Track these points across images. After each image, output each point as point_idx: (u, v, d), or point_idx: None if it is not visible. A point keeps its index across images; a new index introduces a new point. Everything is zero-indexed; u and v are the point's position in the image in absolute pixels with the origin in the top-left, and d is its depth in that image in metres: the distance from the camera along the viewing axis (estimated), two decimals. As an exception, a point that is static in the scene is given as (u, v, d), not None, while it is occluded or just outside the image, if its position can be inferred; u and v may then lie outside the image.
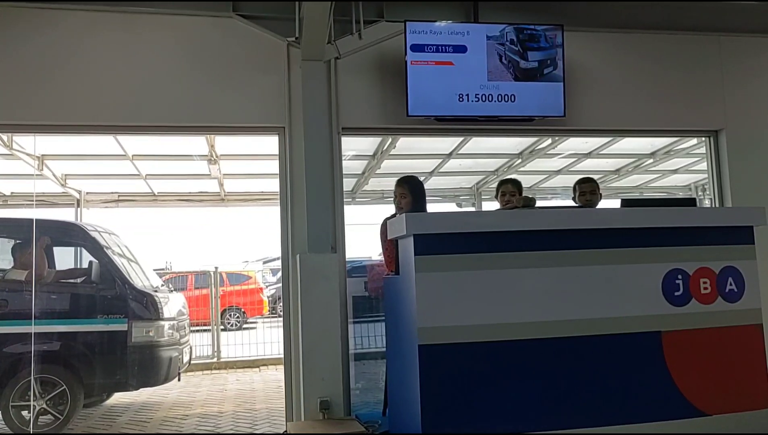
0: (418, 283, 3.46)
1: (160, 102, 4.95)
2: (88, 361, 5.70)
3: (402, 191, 4.62)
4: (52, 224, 6.41)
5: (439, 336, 3.43)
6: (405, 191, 4.61)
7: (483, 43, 5.17)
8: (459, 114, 5.17)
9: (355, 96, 5.18)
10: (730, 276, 3.81)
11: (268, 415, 6.11)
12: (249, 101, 5.06)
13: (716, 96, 5.82)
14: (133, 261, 6.61)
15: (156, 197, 9.51)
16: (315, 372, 4.72)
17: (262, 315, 12.75)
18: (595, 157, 8.10)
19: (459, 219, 3.83)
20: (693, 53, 5.82)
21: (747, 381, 3.75)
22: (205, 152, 7.34)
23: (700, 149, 6.84)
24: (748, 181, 5.73)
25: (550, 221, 3.68)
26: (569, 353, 3.57)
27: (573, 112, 5.35)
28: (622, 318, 3.65)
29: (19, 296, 5.66)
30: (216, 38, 5.07)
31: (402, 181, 4.70)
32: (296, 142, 5.05)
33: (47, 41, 4.84)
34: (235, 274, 13.01)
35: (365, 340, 5.54)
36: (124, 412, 6.50)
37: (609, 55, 5.68)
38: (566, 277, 3.62)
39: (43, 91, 4.80)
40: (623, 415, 3.55)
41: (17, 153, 6.88)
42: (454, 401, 3.43)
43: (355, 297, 5.28)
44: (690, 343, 3.70)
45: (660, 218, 3.79)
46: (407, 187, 4.64)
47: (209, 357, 9.67)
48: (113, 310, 5.85)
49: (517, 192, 4.98)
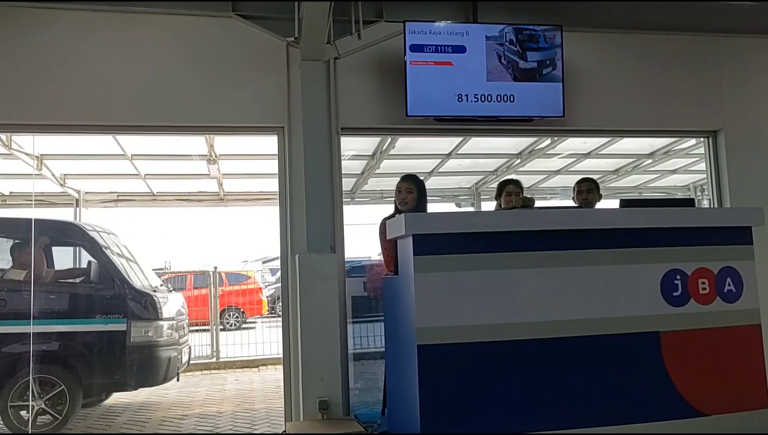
0: (417, 283, 3.46)
1: (160, 102, 4.95)
2: (86, 361, 5.70)
3: (408, 187, 4.61)
4: (51, 224, 6.40)
5: (438, 336, 3.43)
6: (412, 187, 4.60)
7: (482, 43, 5.17)
8: (458, 114, 5.18)
9: (354, 96, 5.18)
10: (728, 276, 3.81)
11: (267, 415, 6.11)
12: (248, 101, 5.06)
13: (715, 96, 5.83)
14: (132, 261, 6.61)
15: (155, 197, 9.51)
16: (314, 372, 4.72)
17: (261, 315, 12.75)
18: (594, 158, 8.10)
19: (458, 219, 3.84)
20: (692, 54, 5.82)
21: (745, 381, 3.75)
22: (205, 152, 7.34)
23: (698, 150, 6.85)
24: (747, 182, 5.74)
25: (549, 221, 3.68)
26: (568, 353, 3.57)
27: (572, 112, 5.36)
28: (620, 318, 3.65)
29: (18, 296, 5.66)
30: (215, 38, 5.07)
31: (409, 176, 4.71)
32: (295, 142, 5.04)
33: (46, 41, 4.84)
34: (234, 273, 13.02)
35: (364, 340, 5.54)
36: (123, 412, 6.50)
37: (608, 56, 5.68)
38: (565, 278, 3.62)
39: (42, 91, 4.80)
40: (622, 415, 3.55)
41: (16, 153, 6.88)
42: (453, 401, 3.43)
43: (354, 297, 5.28)
44: (688, 343, 3.70)
45: (659, 219, 3.79)
46: (414, 182, 4.64)
47: (208, 357, 9.66)
48: (112, 310, 5.84)
49: (520, 192, 5.01)
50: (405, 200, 4.57)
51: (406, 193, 4.59)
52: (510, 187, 5.06)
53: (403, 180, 4.67)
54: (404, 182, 4.65)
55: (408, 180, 4.66)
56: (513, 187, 5.06)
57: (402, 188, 4.62)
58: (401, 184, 4.65)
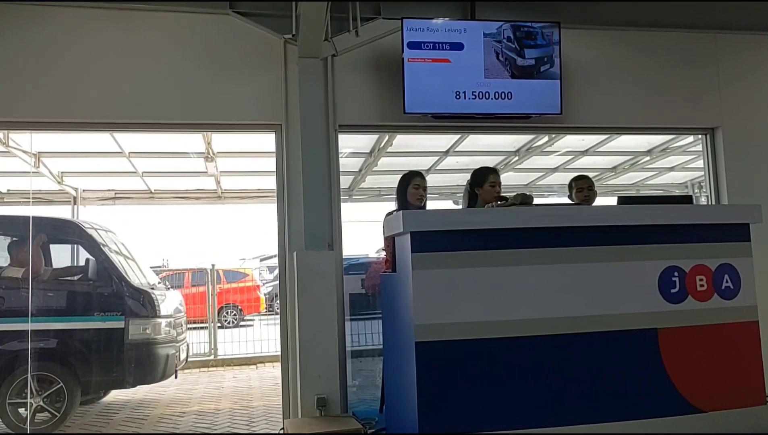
0: (414, 280, 3.46)
1: (157, 99, 4.94)
2: (85, 358, 5.70)
3: (425, 185, 4.66)
4: (48, 222, 6.38)
5: (436, 333, 3.44)
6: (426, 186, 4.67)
7: (480, 40, 5.17)
8: (456, 111, 5.18)
9: (352, 93, 5.18)
10: (726, 273, 3.82)
11: (264, 412, 6.11)
12: (246, 98, 5.06)
13: (712, 93, 5.84)
14: (129, 258, 6.61)
15: (153, 194, 9.49)
16: (312, 369, 4.72)
17: (258, 312, 12.72)
18: (592, 155, 8.11)
19: (456, 216, 3.84)
20: (689, 51, 5.83)
21: (743, 378, 3.76)
22: (202, 149, 7.33)
23: (696, 147, 6.86)
24: (744, 179, 5.75)
25: (547, 218, 3.68)
26: (565, 350, 3.57)
27: (570, 109, 5.36)
28: (618, 315, 3.66)
29: (16, 293, 5.65)
30: (213, 35, 5.07)
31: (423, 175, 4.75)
32: (293, 139, 5.04)
33: (43, 38, 4.83)
34: (232, 271, 12.99)
35: (362, 337, 5.56)
36: (121, 409, 6.50)
37: (606, 53, 5.69)
38: (563, 275, 3.62)
39: (40, 88, 4.79)
40: (619, 412, 3.56)
41: (13, 150, 6.87)
42: (451, 398, 3.43)
43: (352, 294, 5.28)
44: (686, 340, 3.71)
45: (656, 216, 3.79)
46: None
47: (206, 354, 9.66)
48: (110, 307, 5.84)
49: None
50: (421, 198, 4.59)
51: (423, 191, 4.62)
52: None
53: (421, 177, 4.69)
54: (423, 180, 4.67)
55: (424, 178, 4.69)
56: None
57: (421, 185, 4.62)
58: (418, 181, 4.65)
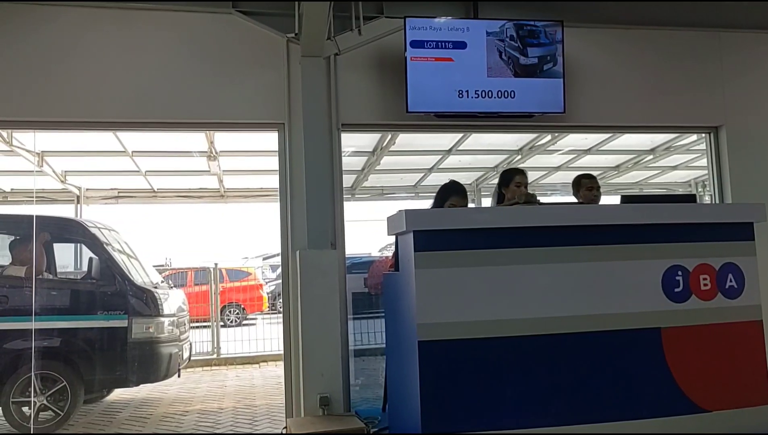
0: (417, 279, 3.45)
1: (160, 98, 4.95)
2: (88, 357, 5.71)
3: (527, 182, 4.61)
4: (52, 221, 6.41)
5: (439, 332, 3.43)
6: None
7: (483, 39, 5.16)
8: (459, 110, 5.17)
9: (354, 92, 5.18)
10: (730, 272, 3.80)
11: (267, 411, 6.12)
12: (248, 97, 5.06)
13: (716, 92, 5.82)
14: (132, 257, 6.62)
15: (156, 193, 9.51)
16: (315, 368, 4.72)
17: (261, 311, 12.73)
18: (595, 154, 8.10)
19: (459, 215, 3.83)
20: (693, 49, 5.81)
21: (747, 377, 3.74)
22: (205, 148, 7.34)
23: (700, 145, 6.84)
24: (748, 178, 5.73)
25: (550, 217, 3.67)
26: (569, 350, 3.56)
27: (572, 108, 5.35)
28: (621, 314, 3.64)
29: (19, 292, 5.67)
30: (216, 34, 5.06)
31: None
32: (296, 138, 5.04)
33: (46, 37, 4.83)
34: (235, 270, 12.99)
35: (365, 336, 5.56)
36: (125, 408, 6.51)
37: (609, 51, 5.67)
38: (566, 274, 3.61)
39: (43, 88, 4.80)
40: (623, 412, 3.55)
41: (17, 149, 6.88)
42: (454, 397, 3.43)
43: (354, 293, 5.28)
44: (690, 339, 3.69)
45: (660, 215, 3.77)
46: None
47: (209, 353, 9.67)
48: (113, 306, 5.85)
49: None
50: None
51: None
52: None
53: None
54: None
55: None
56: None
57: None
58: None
